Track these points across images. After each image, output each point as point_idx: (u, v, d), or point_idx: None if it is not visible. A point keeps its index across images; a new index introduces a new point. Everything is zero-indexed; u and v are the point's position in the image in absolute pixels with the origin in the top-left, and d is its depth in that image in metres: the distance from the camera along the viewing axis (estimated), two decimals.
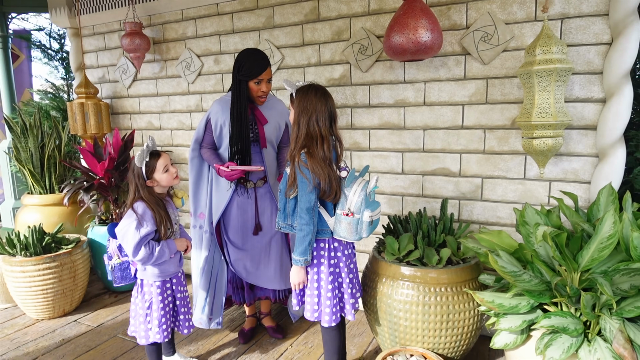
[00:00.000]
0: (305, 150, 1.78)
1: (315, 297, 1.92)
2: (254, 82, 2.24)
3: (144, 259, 1.93)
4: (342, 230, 1.81)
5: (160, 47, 3.31)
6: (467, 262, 2.09)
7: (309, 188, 1.75)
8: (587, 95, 2.14)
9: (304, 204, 1.77)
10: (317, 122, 1.76)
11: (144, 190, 1.96)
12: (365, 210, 1.76)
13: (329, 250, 1.90)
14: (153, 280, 2.02)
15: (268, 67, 2.25)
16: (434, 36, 2.16)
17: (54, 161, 3.54)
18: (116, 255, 2.03)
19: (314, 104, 1.76)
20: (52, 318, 2.92)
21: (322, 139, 1.77)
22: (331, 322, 1.92)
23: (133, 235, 1.89)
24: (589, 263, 1.55)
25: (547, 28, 2.00)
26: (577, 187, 2.22)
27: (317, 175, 1.74)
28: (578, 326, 1.52)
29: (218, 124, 2.36)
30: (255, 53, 2.25)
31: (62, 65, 4.31)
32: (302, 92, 1.80)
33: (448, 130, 2.47)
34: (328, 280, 1.89)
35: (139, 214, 1.92)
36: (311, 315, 1.94)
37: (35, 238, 2.80)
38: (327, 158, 1.77)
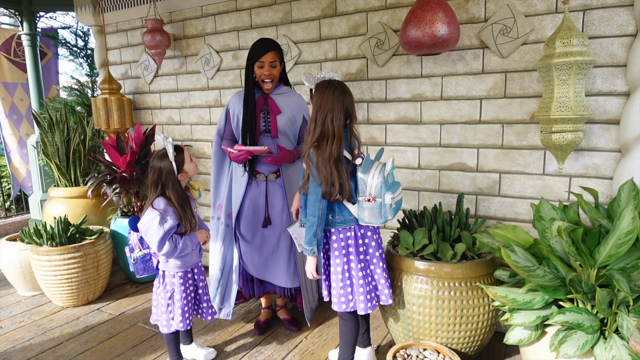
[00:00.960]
0: (315, 145, 1.81)
1: (349, 287, 1.94)
2: (257, 66, 2.30)
3: (168, 252, 1.98)
4: (366, 216, 1.83)
5: (180, 43, 3.37)
6: (482, 257, 2.07)
7: (317, 182, 1.79)
8: (609, 88, 2.09)
9: (311, 195, 1.82)
10: (331, 122, 1.77)
11: (174, 187, 1.99)
12: (387, 193, 1.78)
13: (356, 238, 1.92)
14: (175, 271, 2.08)
15: (270, 51, 2.28)
16: (450, 29, 2.14)
17: (79, 155, 3.65)
18: (138, 247, 2.08)
19: (330, 102, 1.77)
20: (77, 306, 3.03)
21: (333, 138, 1.77)
22: (367, 310, 1.93)
23: (157, 230, 1.93)
24: (606, 259, 1.52)
25: (568, 20, 1.96)
26: (598, 182, 2.17)
27: (320, 173, 1.77)
28: (594, 323, 1.49)
29: (235, 113, 2.42)
30: (261, 39, 2.34)
31: (86, 62, 4.44)
32: (320, 89, 1.82)
33: (465, 124, 2.45)
34: (358, 268, 1.91)
35: (161, 210, 1.96)
36: (347, 307, 1.94)
37: (61, 229, 2.90)
38: (333, 156, 1.77)
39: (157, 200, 1.99)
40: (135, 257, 2.09)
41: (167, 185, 1.99)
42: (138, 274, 2.12)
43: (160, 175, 1.99)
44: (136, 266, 2.11)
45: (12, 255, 3.06)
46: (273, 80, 2.35)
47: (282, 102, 2.40)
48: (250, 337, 2.57)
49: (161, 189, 2.00)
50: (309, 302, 2.59)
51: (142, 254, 2.10)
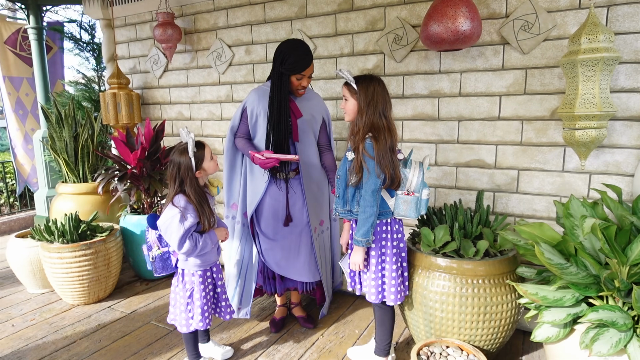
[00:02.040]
0: (371, 135, 1.85)
1: (380, 279, 1.99)
2: (297, 77, 2.23)
3: (188, 251, 1.95)
4: (403, 209, 1.92)
5: (191, 37, 3.33)
6: (504, 254, 2.06)
7: (377, 172, 1.83)
8: (633, 85, 2.08)
9: (369, 186, 1.85)
10: (383, 113, 1.86)
11: (192, 183, 1.95)
12: (424, 188, 1.91)
13: (391, 232, 1.99)
14: (195, 270, 2.05)
15: (312, 63, 2.24)
16: (473, 25, 2.12)
17: (87, 151, 3.61)
18: (156, 245, 2.05)
19: (380, 95, 1.86)
20: (87, 304, 3.00)
21: (388, 130, 1.86)
22: (397, 301, 2.00)
23: (177, 228, 1.90)
24: (638, 257, 1.51)
25: (594, 16, 1.94)
26: (619, 180, 2.17)
27: (382, 165, 1.82)
28: (627, 321, 1.49)
29: (254, 113, 2.36)
30: (300, 47, 2.22)
31: (93, 56, 4.38)
32: (365, 81, 1.87)
33: (484, 121, 2.43)
34: (392, 261, 1.97)
35: (182, 207, 1.92)
36: (376, 298, 2.00)
37: (72, 225, 2.86)
38: (394, 148, 1.87)
39: (178, 198, 1.95)
40: (154, 255, 2.06)
41: (185, 181, 1.95)
42: (156, 273, 2.09)
43: (179, 170, 1.95)
44: (154, 265, 2.08)
45: (22, 252, 3.02)
46: (306, 87, 2.33)
47: (304, 105, 2.37)
48: (265, 335, 2.55)
49: (179, 184, 1.97)
50: (328, 295, 2.60)
51: (161, 252, 2.07)
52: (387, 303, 2.02)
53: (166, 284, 3.32)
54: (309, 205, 2.41)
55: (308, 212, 2.40)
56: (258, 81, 3.11)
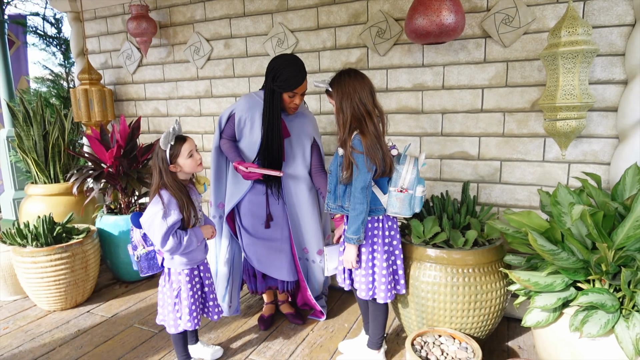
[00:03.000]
0: (357, 131, 1.82)
1: (370, 277, 1.98)
2: (289, 95, 2.17)
3: (172, 248, 1.89)
4: (396, 206, 1.89)
5: (167, 31, 3.23)
6: (492, 243, 2.11)
7: (365, 169, 1.81)
8: (608, 77, 2.16)
9: (358, 183, 1.82)
10: (360, 101, 1.81)
11: (167, 175, 1.89)
12: (418, 185, 1.87)
13: (384, 229, 1.96)
14: (181, 269, 1.99)
15: (305, 81, 2.16)
16: (457, 18, 2.15)
17: (58, 150, 3.45)
18: (141, 245, 1.98)
19: (352, 85, 1.81)
20: (65, 309, 2.87)
21: (369, 115, 1.82)
22: (386, 299, 1.99)
23: (160, 225, 1.83)
24: (623, 241, 1.57)
25: (572, 9, 2.00)
26: (596, 168, 2.26)
27: (372, 156, 1.79)
28: (614, 302, 1.55)
29: (242, 120, 2.31)
30: (293, 64, 2.13)
31: (60, 51, 4.18)
32: (336, 80, 1.86)
33: (467, 113, 2.48)
34: (383, 259, 1.95)
35: (165, 203, 1.86)
36: (366, 295, 1.99)
37: (46, 228, 2.73)
38: (379, 134, 1.84)
39: (162, 193, 1.89)
40: (139, 255, 2.00)
41: (162, 172, 1.89)
42: (142, 273, 2.03)
43: (157, 159, 1.89)
44: (140, 264, 2.02)
45: None
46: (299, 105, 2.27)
47: (294, 124, 2.32)
48: (255, 333, 2.52)
49: (160, 176, 1.89)
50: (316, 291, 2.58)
51: (146, 252, 2.00)
52: (377, 300, 2.02)
53: (147, 285, 3.23)
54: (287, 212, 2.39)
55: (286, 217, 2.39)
56: (238, 76, 3.05)
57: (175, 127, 1.91)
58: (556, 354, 1.73)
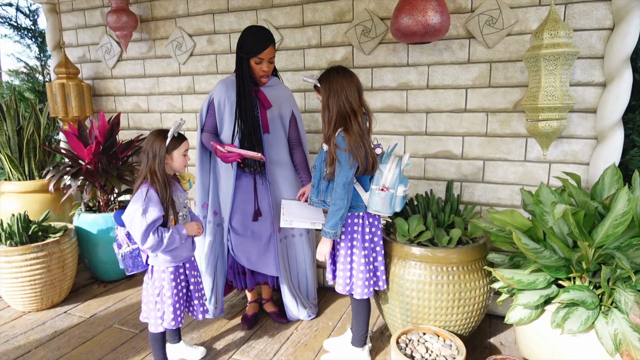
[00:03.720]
0: (342, 128, 1.84)
1: (348, 271, 1.99)
2: (255, 61, 2.19)
3: (153, 246, 1.85)
4: (377, 204, 1.90)
5: (148, 25, 3.16)
6: (475, 241, 2.14)
7: (347, 166, 1.82)
8: (588, 79, 2.21)
9: (340, 179, 1.84)
10: (347, 99, 1.83)
11: (160, 164, 1.86)
12: (400, 185, 1.88)
13: (364, 225, 1.97)
14: (165, 266, 1.96)
15: (270, 46, 2.18)
16: (442, 18, 2.17)
17: (34, 145, 3.33)
18: (125, 243, 1.95)
19: (339, 83, 1.83)
20: (40, 310, 2.79)
21: (354, 114, 1.83)
22: (363, 295, 2.00)
23: (140, 222, 1.80)
24: (603, 239, 1.61)
25: (554, 12, 2.04)
26: (576, 168, 2.31)
27: (354, 154, 1.81)
28: (594, 299, 1.59)
29: (221, 103, 2.30)
30: (258, 30, 2.19)
31: (35, 44, 4.04)
32: (325, 76, 1.88)
33: (451, 113, 2.50)
34: (362, 254, 1.97)
35: (145, 199, 1.83)
36: (343, 289, 2.01)
37: (21, 226, 2.64)
38: (363, 132, 1.85)
39: (142, 188, 1.86)
40: (124, 253, 1.96)
41: (155, 162, 1.85)
42: (128, 271, 2.00)
43: (152, 149, 1.86)
44: (125, 263, 1.99)
45: None
46: (269, 76, 2.28)
47: (272, 96, 2.33)
48: (238, 332, 2.49)
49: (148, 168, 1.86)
50: (298, 295, 2.55)
51: (130, 250, 1.97)
52: (354, 296, 2.03)
53: (126, 285, 3.16)
54: (274, 204, 2.38)
55: (272, 211, 2.37)
56: (222, 72, 3.01)
57: (181, 123, 1.90)
58: (538, 350, 1.76)
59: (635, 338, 1.47)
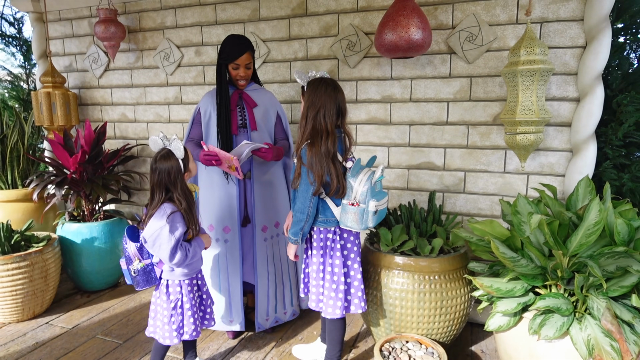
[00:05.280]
0: (308, 142, 1.81)
1: (321, 287, 1.96)
2: (232, 67, 2.28)
3: (179, 261, 1.84)
4: (348, 220, 1.84)
5: (136, 36, 3.18)
6: (457, 251, 2.19)
7: (306, 180, 1.81)
8: (563, 94, 2.31)
9: (300, 192, 1.85)
10: (324, 118, 1.79)
11: (183, 187, 1.86)
12: (371, 200, 1.78)
13: (336, 241, 1.93)
14: (182, 279, 1.95)
15: (246, 53, 2.26)
16: (425, 34, 2.24)
17: (17, 154, 3.30)
18: (137, 258, 1.91)
19: (322, 99, 1.79)
20: (21, 321, 2.75)
21: (327, 134, 1.79)
22: (334, 315, 1.93)
23: (168, 239, 1.80)
24: (577, 248, 1.68)
25: (530, 30, 2.13)
26: (552, 179, 2.39)
27: (313, 170, 1.77)
28: (569, 306, 1.65)
29: (207, 112, 2.38)
30: (236, 37, 2.28)
31: (20, 52, 4.02)
32: (312, 86, 1.83)
33: (433, 125, 2.57)
34: (334, 272, 1.92)
35: (170, 217, 1.81)
36: (316, 305, 1.99)
37: (3, 236, 2.61)
38: (330, 153, 1.79)
39: (164, 207, 1.84)
40: (136, 269, 1.91)
41: (176, 185, 1.84)
42: (138, 287, 1.94)
43: (169, 175, 1.83)
44: (136, 279, 1.92)
45: None
46: (247, 80, 2.35)
47: (256, 97, 2.41)
48: (222, 340, 2.50)
49: (166, 191, 1.86)
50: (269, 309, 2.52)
51: (144, 265, 1.92)
52: (322, 314, 1.97)
53: (110, 295, 3.13)
54: (256, 203, 2.39)
55: (255, 210, 2.40)
56: (209, 83, 3.04)
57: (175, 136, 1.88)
58: (516, 356, 1.82)
59: (606, 343, 1.53)
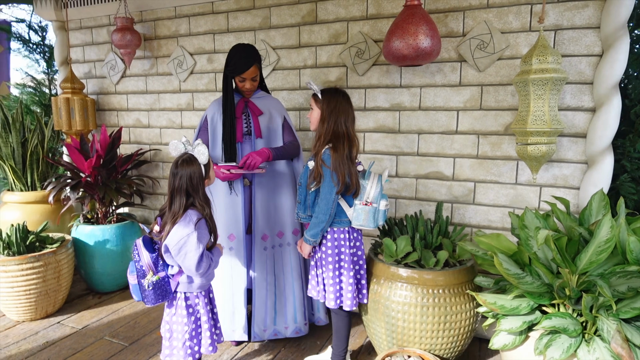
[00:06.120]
0: (330, 145, 1.93)
1: (337, 285, 2.04)
2: (239, 79, 2.29)
3: (204, 270, 1.76)
4: (361, 219, 1.98)
5: (151, 43, 3.25)
6: (463, 264, 2.13)
7: (331, 183, 1.90)
8: (577, 104, 2.22)
9: (324, 195, 1.93)
10: (344, 123, 1.95)
11: (204, 193, 1.80)
12: (382, 200, 1.98)
13: (349, 240, 2.04)
14: (199, 292, 1.87)
15: (252, 66, 2.25)
16: (433, 42, 2.20)
17: (37, 157, 3.41)
18: (151, 271, 1.79)
19: (343, 105, 1.96)
20: (34, 320, 2.82)
21: (348, 139, 1.94)
22: (352, 307, 2.05)
23: (196, 248, 1.71)
24: (587, 266, 1.60)
25: (543, 38, 2.06)
26: (566, 192, 2.30)
27: (338, 172, 1.89)
28: (577, 327, 1.57)
29: (214, 118, 2.40)
30: (243, 50, 2.26)
31: (43, 59, 4.16)
32: (330, 92, 1.98)
33: (442, 134, 2.52)
34: (350, 268, 2.03)
35: (197, 223, 1.74)
36: (335, 304, 2.05)
37: (19, 236, 2.69)
38: (351, 157, 1.95)
39: (190, 213, 1.75)
40: (151, 282, 1.78)
41: (198, 191, 1.77)
42: (149, 303, 1.80)
43: (192, 180, 1.75)
44: (149, 293, 1.78)
45: None
46: (253, 90, 2.37)
47: (262, 104, 2.41)
48: (225, 346, 2.50)
49: (187, 197, 1.76)
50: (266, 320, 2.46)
51: (158, 278, 1.79)
52: (343, 308, 2.07)
53: (121, 296, 3.19)
54: (256, 211, 2.38)
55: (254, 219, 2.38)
56: (220, 90, 3.07)
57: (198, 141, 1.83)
58: None
59: None
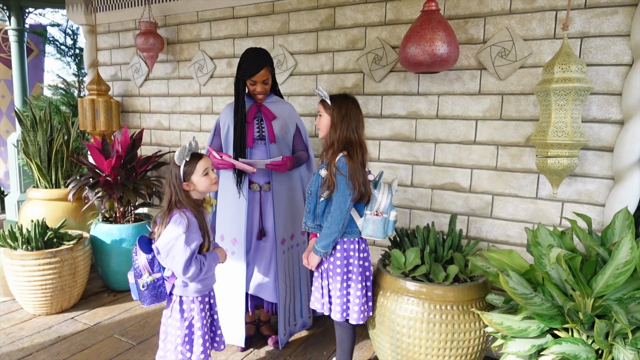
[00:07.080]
0: (345, 153, 1.88)
1: (345, 297, 1.99)
2: (250, 83, 2.28)
3: (193, 275, 1.73)
4: (371, 229, 1.94)
5: (173, 47, 3.31)
6: (474, 280, 2.03)
7: (347, 191, 1.86)
8: (604, 116, 2.09)
9: (338, 204, 1.87)
10: (356, 130, 1.91)
11: (180, 193, 1.76)
12: (392, 210, 1.94)
13: (358, 250, 2.00)
14: (195, 296, 1.84)
15: (263, 69, 2.24)
16: (450, 49, 2.13)
17: (62, 156, 3.53)
18: (147, 271, 1.79)
19: (354, 111, 1.92)
20: (50, 314, 2.89)
21: (361, 146, 1.91)
22: (359, 320, 1.98)
23: (183, 251, 1.68)
24: (603, 289, 1.49)
25: (567, 46, 1.96)
26: (590, 209, 2.17)
27: (354, 179, 1.85)
28: (590, 354, 1.46)
29: (226, 123, 2.40)
30: (253, 54, 2.26)
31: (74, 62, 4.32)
32: (340, 98, 1.93)
33: (460, 144, 2.43)
34: (358, 280, 1.98)
35: (187, 225, 1.71)
36: (341, 317, 1.99)
37: (38, 232, 2.77)
38: (364, 163, 1.92)
39: (180, 214, 1.73)
40: (145, 282, 1.78)
41: (175, 191, 1.76)
42: (145, 303, 1.81)
43: (170, 175, 1.77)
44: (144, 293, 1.79)
45: None
46: (265, 94, 2.35)
47: (275, 109, 2.39)
48: (231, 353, 2.48)
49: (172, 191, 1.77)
50: (287, 324, 2.49)
51: (153, 279, 1.79)
52: (349, 321, 2.01)
53: None
54: (276, 216, 2.37)
55: (275, 224, 2.36)
56: None
57: (192, 144, 1.81)
58: None
59: None
